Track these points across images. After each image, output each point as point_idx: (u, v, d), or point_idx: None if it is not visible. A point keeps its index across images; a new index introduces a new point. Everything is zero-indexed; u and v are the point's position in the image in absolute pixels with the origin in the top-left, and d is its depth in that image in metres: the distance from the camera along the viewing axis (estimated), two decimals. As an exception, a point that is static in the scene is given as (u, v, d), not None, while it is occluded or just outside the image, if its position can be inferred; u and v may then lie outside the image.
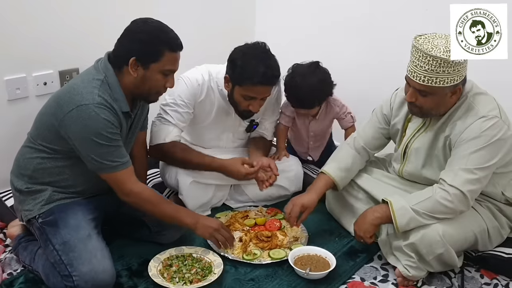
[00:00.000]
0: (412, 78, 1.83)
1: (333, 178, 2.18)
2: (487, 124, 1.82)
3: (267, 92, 2.17)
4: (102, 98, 1.76)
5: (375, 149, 2.27)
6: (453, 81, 1.80)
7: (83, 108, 1.73)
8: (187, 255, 2.03)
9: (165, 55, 1.80)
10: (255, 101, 2.16)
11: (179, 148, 2.26)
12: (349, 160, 2.21)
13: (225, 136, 2.46)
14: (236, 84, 2.14)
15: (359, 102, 2.63)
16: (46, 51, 2.42)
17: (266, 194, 2.44)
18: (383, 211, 1.94)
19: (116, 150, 1.81)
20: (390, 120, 2.17)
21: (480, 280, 1.99)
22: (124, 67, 1.82)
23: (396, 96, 2.13)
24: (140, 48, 1.78)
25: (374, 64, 2.84)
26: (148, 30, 1.80)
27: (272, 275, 2.00)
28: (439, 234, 1.83)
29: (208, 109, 2.32)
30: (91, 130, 1.74)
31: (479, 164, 1.82)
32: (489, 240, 2.00)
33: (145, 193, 1.90)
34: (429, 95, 1.84)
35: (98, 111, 1.74)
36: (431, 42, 1.80)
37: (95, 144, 1.76)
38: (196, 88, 2.25)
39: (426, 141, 2.00)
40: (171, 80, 1.89)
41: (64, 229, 1.82)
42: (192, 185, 2.27)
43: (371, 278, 2.02)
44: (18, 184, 1.92)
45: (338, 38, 2.97)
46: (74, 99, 1.75)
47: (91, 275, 1.72)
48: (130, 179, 1.87)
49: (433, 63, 1.77)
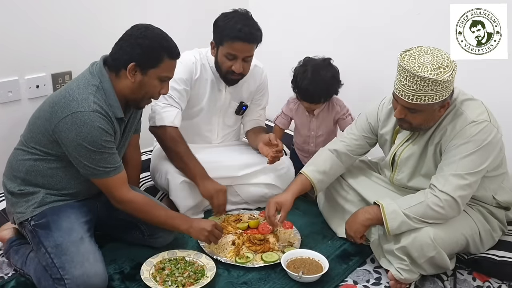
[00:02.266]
0: (400, 96, 1.82)
1: (310, 179, 2.18)
2: (477, 129, 1.82)
3: (247, 50, 2.23)
4: (97, 105, 1.77)
5: (358, 154, 2.26)
6: (441, 97, 1.79)
7: (78, 115, 1.73)
8: (180, 258, 2.03)
9: (164, 62, 1.83)
10: (237, 61, 2.23)
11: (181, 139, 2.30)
12: (328, 164, 2.20)
13: (215, 121, 2.50)
14: (219, 45, 2.24)
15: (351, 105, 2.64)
16: (39, 54, 2.41)
17: (259, 194, 2.46)
18: (374, 213, 1.95)
19: (110, 156, 1.83)
20: (377, 131, 2.16)
21: (472, 283, 2.00)
22: (122, 71, 1.82)
23: (383, 107, 2.12)
24: (141, 53, 1.79)
25: (367, 67, 2.85)
26: (150, 36, 1.81)
27: (265, 278, 2.00)
28: (430, 237, 1.84)
29: (202, 89, 2.40)
30: (85, 137, 1.74)
31: (470, 169, 1.83)
32: (481, 243, 2.01)
33: (137, 201, 1.92)
34: (418, 112, 1.84)
35: (93, 118, 1.74)
36: (417, 60, 1.77)
37: (88, 150, 1.77)
38: (191, 66, 2.34)
39: (416, 150, 2.00)
40: (166, 86, 1.91)
41: (57, 232, 1.81)
42: (182, 185, 2.27)
43: (364, 281, 2.02)
44: (10, 186, 1.91)
45: (331, 39, 2.99)
46: (70, 106, 1.75)
47: (83, 279, 1.72)
48: (122, 186, 1.89)
49: (421, 83, 1.75)
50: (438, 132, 1.92)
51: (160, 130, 2.29)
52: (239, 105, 2.51)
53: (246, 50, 2.23)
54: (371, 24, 2.80)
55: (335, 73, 2.41)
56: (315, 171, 2.19)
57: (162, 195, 2.48)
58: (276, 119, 2.65)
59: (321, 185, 2.21)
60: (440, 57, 1.78)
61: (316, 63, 2.40)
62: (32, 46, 2.38)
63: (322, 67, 2.37)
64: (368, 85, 2.82)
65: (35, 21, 2.36)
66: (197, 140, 2.48)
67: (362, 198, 2.19)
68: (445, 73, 1.74)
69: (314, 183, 2.18)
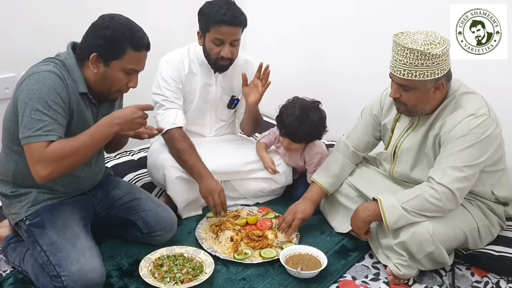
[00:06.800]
0: (393, 72, 1.85)
1: (321, 185, 2.24)
2: (476, 122, 1.82)
3: (233, 34, 2.24)
4: (57, 69, 1.73)
5: (365, 151, 2.28)
6: (433, 74, 1.80)
7: (34, 75, 1.71)
8: (178, 255, 2.02)
9: (127, 53, 1.76)
10: (225, 46, 2.25)
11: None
12: (338, 166, 2.25)
13: (207, 115, 2.51)
14: (206, 32, 2.27)
15: (349, 102, 2.63)
16: (37, 50, 2.39)
17: (257, 189, 2.47)
18: (373, 209, 1.95)
19: (51, 123, 1.69)
20: (380, 121, 2.17)
21: (470, 278, 2.00)
22: (86, 61, 1.79)
23: (387, 96, 2.13)
24: (103, 44, 1.74)
25: (365, 65, 2.85)
26: (113, 27, 1.74)
27: (263, 274, 2.00)
28: (429, 233, 1.83)
29: (193, 85, 2.41)
30: (33, 94, 1.68)
31: (468, 162, 1.83)
32: (480, 239, 2.01)
33: (56, 166, 1.69)
34: (412, 90, 1.85)
35: (46, 77, 1.70)
36: (410, 37, 1.82)
37: (31, 108, 1.67)
38: (177, 64, 2.37)
39: (415, 141, 2.00)
40: (134, 79, 1.83)
41: (51, 230, 1.80)
42: (178, 180, 2.28)
43: (363, 276, 2.02)
44: (2, 189, 1.90)
45: (329, 38, 2.98)
46: (28, 72, 1.74)
47: (79, 274, 1.70)
48: (41, 161, 1.67)
49: (411, 56, 1.78)
50: (437, 124, 1.92)
51: (167, 135, 2.30)
52: (230, 98, 2.52)
53: (233, 34, 2.24)
54: (371, 24, 2.80)
55: (322, 117, 2.34)
56: (326, 176, 2.25)
57: (160, 191, 2.48)
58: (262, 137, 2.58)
59: (333, 188, 2.26)
60: (433, 36, 1.81)
61: (306, 103, 2.34)
62: (30, 43, 2.37)
63: (311, 108, 2.31)
64: (367, 85, 2.80)
65: (33, 18, 2.35)
66: (190, 134, 2.48)
67: (361, 194, 2.19)
68: (436, 48, 1.77)
69: (326, 188, 2.23)
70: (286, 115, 2.32)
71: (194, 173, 2.23)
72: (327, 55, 3.07)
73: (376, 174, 2.24)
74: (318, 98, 2.40)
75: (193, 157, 2.25)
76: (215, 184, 2.19)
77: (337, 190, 2.29)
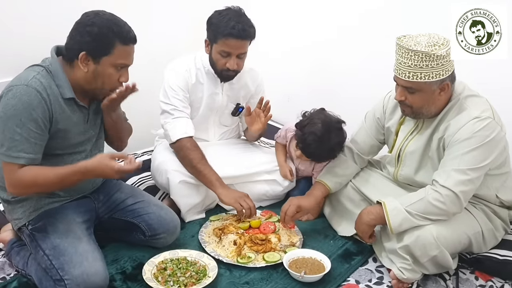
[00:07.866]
0: (398, 75, 1.85)
1: (324, 183, 2.24)
2: (480, 125, 1.82)
3: (241, 47, 2.24)
4: (37, 80, 1.70)
5: (369, 154, 2.28)
6: (438, 75, 1.80)
7: (12, 89, 1.68)
8: (182, 258, 2.02)
9: (116, 48, 1.73)
10: (231, 58, 2.25)
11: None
12: (342, 166, 2.27)
13: (211, 120, 2.51)
14: (213, 43, 2.26)
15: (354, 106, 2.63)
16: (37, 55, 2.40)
17: (260, 193, 2.48)
18: (377, 212, 1.95)
19: (21, 143, 1.67)
20: (383, 124, 2.17)
21: (475, 282, 1.99)
22: (75, 61, 1.76)
23: (390, 99, 2.13)
24: (91, 41, 1.71)
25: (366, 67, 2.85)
26: (99, 23, 1.72)
27: (266, 278, 1.99)
28: (433, 236, 1.83)
29: (200, 93, 2.40)
30: (8, 109, 1.66)
31: (472, 165, 1.82)
32: (484, 243, 2.00)
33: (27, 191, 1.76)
34: (417, 92, 1.85)
35: (23, 91, 1.66)
36: (413, 40, 1.82)
37: (3, 123, 1.66)
38: (184, 73, 2.36)
39: (420, 144, 2.00)
40: (125, 73, 1.81)
41: (54, 234, 1.80)
42: (182, 184, 2.28)
43: (366, 280, 2.01)
44: (3, 195, 1.90)
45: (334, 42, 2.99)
46: (9, 84, 1.71)
47: (82, 278, 1.71)
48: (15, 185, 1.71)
49: (415, 57, 1.78)
50: (442, 126, 1.92)
51: (177, 145, 2.31)
52: (235, 106, 2.52)
53: (240, 47, 2.24)
54: (371, 25, 2.80)
55: (342, 141, 2.26)
56: (329, 175, 2.27)
57: (163, 194, 2.48)
58: (277, 135, 2.59)
59: (336, 186, 2.27)
60: (436, 37, 1.82)
61: (329, 122, 2.24)
62: (30, 47, 2.36)
63: (334, 130, 2.22)
64: (367, 86, 2.81)
65: (33, 21, 2.35)
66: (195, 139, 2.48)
67: (365, 197, 2.19)
68: (440, 49, 1.77)
69: (329, 185, 2.24)
70: (308, 132, 2.23)
71: (210, 181, 2.24)
72: (332, 61, 3.07)
73: (380, 177, 2.24)
74: (322, 102, 2.39)
75: (207, 166, 2.26)
76: (236, 190, 2.25)
77: (341, 193, 2.29)
